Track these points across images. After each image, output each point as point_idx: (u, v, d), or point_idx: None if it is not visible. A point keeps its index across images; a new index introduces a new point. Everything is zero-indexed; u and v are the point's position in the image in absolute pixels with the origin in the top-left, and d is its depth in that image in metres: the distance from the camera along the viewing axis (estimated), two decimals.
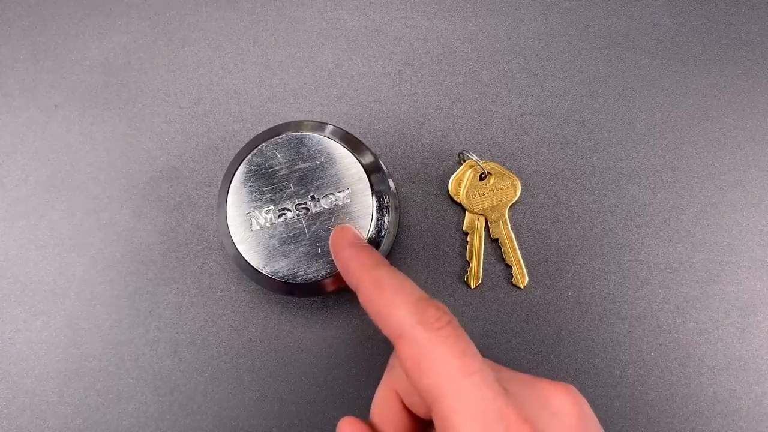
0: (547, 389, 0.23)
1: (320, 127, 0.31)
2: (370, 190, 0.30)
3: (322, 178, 0.30)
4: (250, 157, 0.31)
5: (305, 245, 0.30)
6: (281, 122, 0.34)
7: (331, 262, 0.30)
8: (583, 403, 0.23)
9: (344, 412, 0.32)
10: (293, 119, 0.35)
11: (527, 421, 0.20)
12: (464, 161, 0.34)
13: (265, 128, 0.34)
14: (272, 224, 0.30)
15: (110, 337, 0.33)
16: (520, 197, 0.34)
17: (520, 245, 0.34)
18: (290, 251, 0.30)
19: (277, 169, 0.31)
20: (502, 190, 0.34)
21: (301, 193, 0.30)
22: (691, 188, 0.34)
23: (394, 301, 0.23)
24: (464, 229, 0.34)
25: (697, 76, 0.35)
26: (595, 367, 0.32)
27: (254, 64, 0.36)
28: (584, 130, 0.35)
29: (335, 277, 0.30)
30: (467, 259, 0.33)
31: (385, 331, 0.23)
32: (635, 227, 0.34)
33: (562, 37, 0.36)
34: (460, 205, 0.34)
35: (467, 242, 0.33)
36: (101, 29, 0.37)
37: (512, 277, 0.33)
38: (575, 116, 0.35)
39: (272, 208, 0.30)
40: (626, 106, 0.35)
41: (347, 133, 0.32)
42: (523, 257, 0.33)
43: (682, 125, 0.35)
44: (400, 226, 0.34)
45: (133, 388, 0.33)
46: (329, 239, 0.29)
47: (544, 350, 0.33)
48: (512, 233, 0.33)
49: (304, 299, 0.33)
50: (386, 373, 0.26)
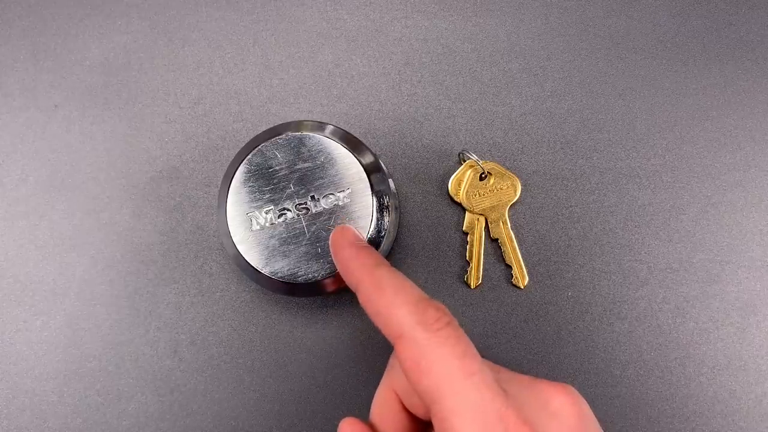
0: (546, 390, 0.23)
1: (320, 127, 0.31)
2: (370, 190, 0.30)
3: (322, 178, 0.30)
4: (250, 157, 0.31)
5: (305, 245, 0.30)
6: (281, 122, 0.34)
7: (331, 262, 0.30)
8: (582, 403, 0.23)
9: (344, 412, 0.32)
10: (293, 119, 0.35)
11: (526, 422, 0.20)
12: (464, 161, 0.34)
13: (265, 128, 0.34)
14: (272, 224, 0.30)
15: (110, 337, 0.33)
16: (520, 197, 0.34)
17: (520, 245, 0.34)
18: (290, 251, 0.30)
19: (277, 169, 0.31)
20: (502, 190, 0.34)
21: (301, 193, 0.30)
22: (691, 188, 0.34)
23: (394, 301, 0.23)
24: (464, 229, 0.34)
25: (697, 76, 0.35)
26: (595, 367, 0.32)
27: (254, 64, 0.36)
28: (584, 130, 0.35)
29: (335, 277, 0.30)
30: (467, 259, 0.33)
31: (384, 331, 0.23)
32: (635, 227, 0.34)
33: (562, 37, 0.36)
34: (460, 205, 0.34)
35: (467, 242, 0.33)
36: (101, 29, 0.37)
37: (512, 277, 0.33)
38: (575, 116, 0.35)
39: (272, 208, 0.30)
40: (626, 106, 0.35)
41: (347, 133, 0.32)
42: (523, 257, 0.33)
43: (682, 125, 0.35)
44: (400, 226, 0.34)
45: (133, 388, 0.33)
46: (329, 239, 0.29)
47: (544, 350, 0.33)
48: (512, 233, 0.33)
49: (304, 299, 0.33)
50: (386, 373, 0.26)
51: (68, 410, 0.33)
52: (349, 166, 0.30)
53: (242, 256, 0.30)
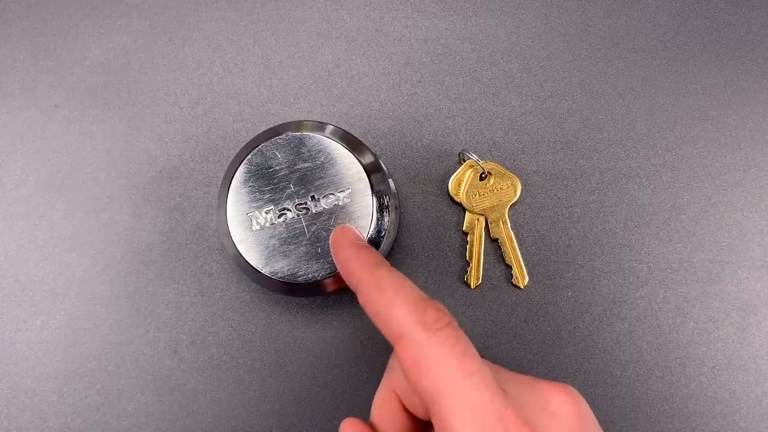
0: (546, 390, 0.23)
1: (320, 127, 0.31)
2: (370, 190, 0.30)
3: (322, 178, 0.30)
4: (250, 157, 0.31)
5: (305, 245, 0.30)
6: (281, 122, 0.34)
7: (331, 262, 0.30)
8: (582, 403, 0.23)
9: (344, 412, 0.32)
10: (293, 119, 0.35)
11: (526, 422, 0.20)
12: (464, 161, 0.34)
13: (265, 128, 0.34)
14: (272, 224, 0.30)
15: (110, 337, 0.33)
16: (520, 197, 0.34)
17: (520, 245, 0.34)
18: (290, 251, 0.30)
19: (277, 169, 0.31)
20: (502, 190, 0.34)
21: (301, 193, 0.30)
22: (691, 188, 0.34)
23: (394, 301, 0.23)
24: (464, 229, 0.34)
25: (697, 76, 0.35)
26: (595, 367, 0.32)
27: (254, 64, 0.36)
28: (584, 130, 0.35)
29: (335, 277, 0.30)
30: (467, 259, 0.33)
31: (384, 331, 0.23)
32: (635, 227, 0.34)
33: (562, 37, 0.36)
34: (460, 205, 0.34)
35: (467, 242, 0.33)
36: (101, 29, 0.37)
37: (512, 277, 0.33)
38: (575, 116, 0.35)
39: (272, 208, 0.30)
40: (626, 106, 0.35)
41: (347, 133, 0.32)
42: (523, 257, 0.33)
43: (682, 125, 0.35)
44: (400, 226, 0.34)
45: (133, 388, 0.33)
46: (330, 239, 0.29)
47: (544, 350, 0.33)
48: (512, 233, 0.33)
49: (304, 299, 0.33)
50: (386, 374, 0.26)
51: (68, 410, 0.33)
52: (349, 166, 0.30)
53: (242, 256, 0.30)
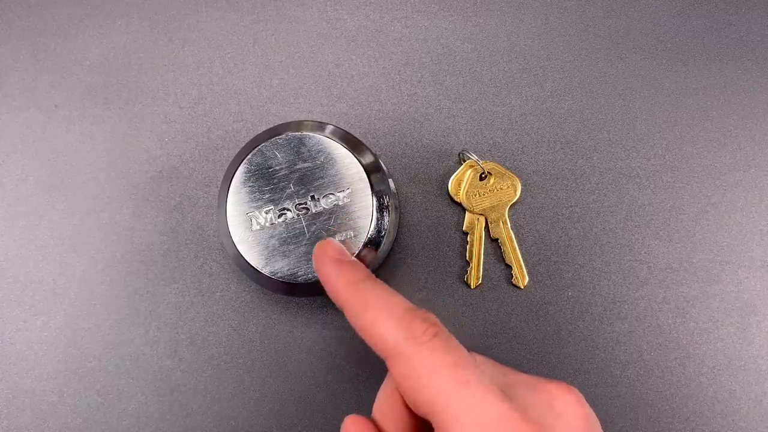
0: (550, 390, 0.23)
1: (320, 127, 0.31)
2: (370, 190, 0.30)
3: (322, 178, 0.30)
4: (250, 157, 0.31)
5: (305, 245, 0.30)
6: (281, 122, 0.34)
7: None
8: (586, 403, 0.23)
9: (344, 412, 0.32)
10: (293, 119, 0.35)
11: (532, 422, 0.20)
12: (464, 161, 0.34)
13: (265, 128, 0.34)
14: (272, 224, 0.30)
15: (110, 337, 0.33)
16: (520, 197, 0.34)
17: (520, 245, 0.34)
18: (290, 251, 0.30)
19: (277, 169, 0.31)
20: (502, 190, 0.34)
21: (301, 193, 0.30)
22: (691, 188, 0.34)
23: (379, 317, 0.22)
24: (464, 229, 0.34)
25: (697, 76, 0.35)
26: (595, 367, 0.32)
27: (254, 64, 0.36)
28: (584, 130, 0.35)
29: None
30: (467, 259, 0.33)
31: (375, 349, 0.22)
32: (635, 227, 0.34)
33: (562, 37, 0.36)
34: (460, 205, 0.34)
35: (467, 242, 0.33)
36: (101, 29, 0.37)
37: (512, 277, 0.33)
38: (575, 116, 0.35)
39: (272, 208, 0.30)
40: (626, 106, 0.35)
41: (347, 133, 0.32)
42: (523, 257, 0.33)
43: (682, 125, 0.35)
44: (400, 226, 0.34)
45: (133, 388, 0.33)
46: (313, 254, 0.28)
47: (544, 350, 0.33)
48: (512, 233, 0.33)
49: (304, 299, 0.33)
50: (388, 374, 0.26)
51: (68, 410, 0.33)
52: (349, 166, 0.30)
53: (242, 256, 0.30)
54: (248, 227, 0.30)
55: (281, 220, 0.30)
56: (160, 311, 0.34)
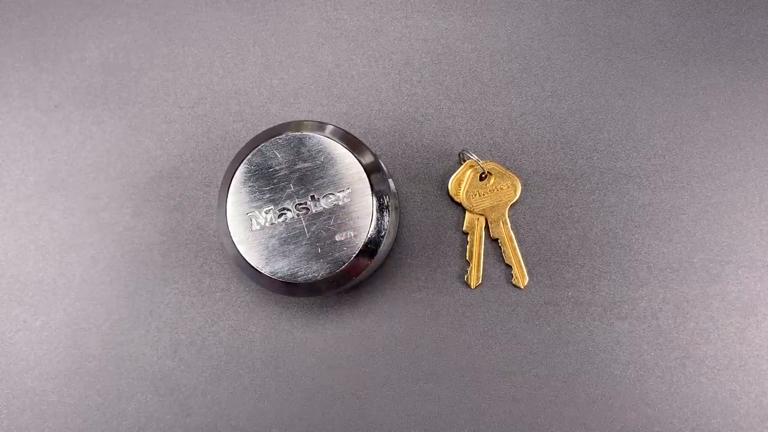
0: None
1: (320, 127, 0.31)
2: (370, 190, 0.30)
3: (322, 178, 0.30)
4: (250, 157, 0.31)
5: (305, 245, 0.30)
6: (281, 122, 0.34)
7: (331, 262, 0.30)
8: None
9: (344, 412, 0.32)
10: (293, 119, 0.35)
11: None
12: (464, 161, 0.34)
13: (265, 128, 0.34)
14: (272, 224, 0.30)
15: (110, 337, 0.33)
16: (520, 197, 0.34)
17: (520, 245, 0.34)
18: (290, 251, 0.30)
19: (277, 169, 0.31)
20: (502, 190, 0.34)
21: (301, 193, 0.30)
22: (691, 188, 0.34)
23: None
24: (464, 229, 0.34)
25: (697, 76, 0.35)
26: (595, 367, 0.32)
27: (254, 64, 0.36)
28: (584, 130, 0.35)
29: (335, 277, 0.30)
30: (467, 259, 0.33)
31: None
32: (635, 227, 0.34)
33: (562, 37, 0.36)
34: (460, 205, 0.34)
35: (467, 242, 0.33)
36: (101, 29, 0.37)
37: (512, 277, 0.33)
38: (575, 116, 0.35)
39: (272, 208, 0.30)
40: (626, 106, 0.35)
41: (347, 133, 0.32)
42: (523, 257, 0.33)
43: (682, 125, 0.35)
44: (400, 226, 0.34)
45: (133, 388, 0.33)
46: None
47: (544, 350, 0.33)
48: (512, 233, 0.33)
49: (304, 299, 0.33)
50: None
51: (68, 410, 0.33)
52: (349, 166, 0.30)
53: (242, 256, 0.30)
54: (248, 227, 0.30)
55: (281, 220, 0.30)
56: (160, 311, 0.34)
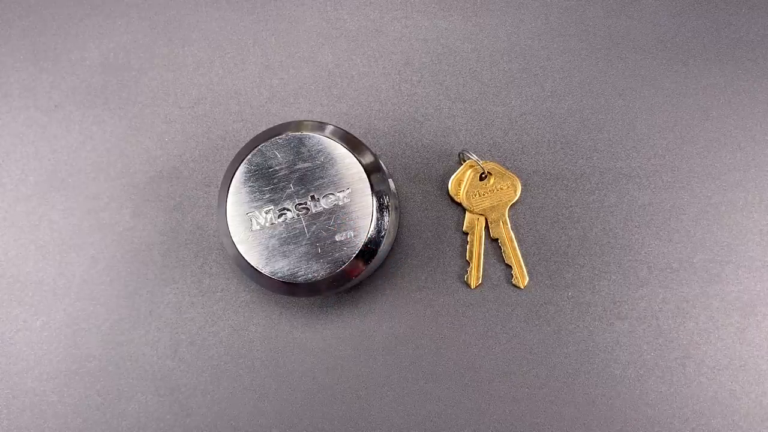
0: None
1: (320, 127, 0.31)
2: (370, 190, 0.30)
3: (322, 178, 0.30)
4: (250, 157, 0.31)
5: (305, 245, 0.30)
6: (281, 122, 0.34)
7: (331, 262, 0.30)
8: None
9: (344, 412, 0.32)
10: (293, 119, 0.35)
11: None
12: (464, 161, 0.34)
13: (265, 128, 0.34)
14: (272, 224, 0.30)
15: (110, 337, 0.33)
16: (520, 197, 0.34)
17: (520, 245, 0.34)
18: (290, 251, 0.30)
19: (277, 169, 0.31)
20: (502, 190, 0.34)
21: (301, 193, 0.30)
22: (691, 188, 0.34)
23: None
24: (464, 229, 0.34)
25: (697, 76, 0.35)
26: (595, 367, 0.32)
27: (254, 64, 0.36)
28: (584, 130, 0.35)
29: (335, 277, 0.30)
30: (467, 259, 0.33)
31: None
32: (635, 227, 0.34)
33: (562, 37, 0.36)
34: (460, 205, 0.34)
35: (467, 242, 0.33)
36: (101, 29, 0.37)
37: (512, 277, 0.33)
38: (575, 116, 0.35)
39: (272, 208, 0.30)
40: (626, 106, 0.35)
41: (347, 133, 0.32)
42: (523, 257, 0.33)
43: (682, 125, 0.35)
44: (400, 226, 0.34)
45: (133, 388, 0.33)
46: None
47: (544, 350, 0.33)
48: (512, 233, 0.33)
49: (304, 299, 0.33)
50: None
51: (68, 410, 0.33)
52: (349, 166, 0.30)
53: (242, 256, 0.30)
54: (248, 227, 0.30)
55: (281, 220, 0.30)
56: (160, 311, 0.34)
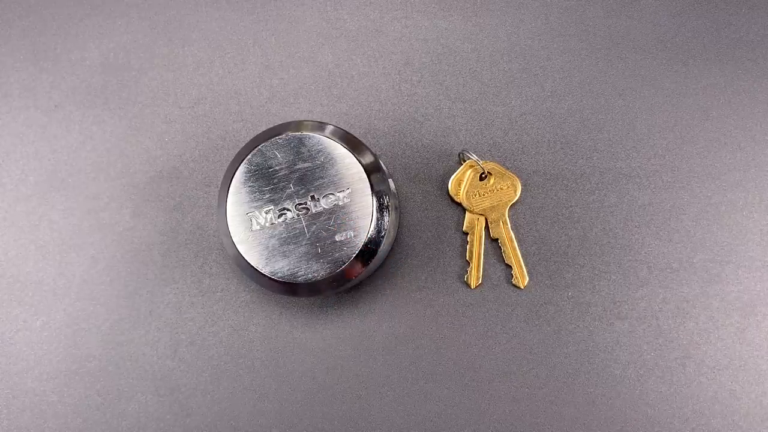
0: None
1: (320, 127, 0.31)
2: (370, 190, 0.30)
3: (322, 178, 0.30)
4: (250, 157, 0.31)
5: (305, 245, 0.30)
6: (281, 122, 0.34)
7: (331, 262, 0.30)
8: None
9: (344, 412, 0.32)
10: (293, 119, 0.35)
11: None
12: (464, 161, 0.34)
13: (265, 128, 0.34)
14: (272, 224, 0.30)
15: (110, 337, 0.33)
16: (520, 197, 0.34)
17: (520, 245, 0.34)
18: (290, 251, 0.30)
19: (277, 169, 0.31)
20: (502, 190, 0.34)
21: (301, 193, 0.30)
22: (691, 188, 0.34)
23: None
24: (464, 229, 0.34)
25: (697, 76, 0.35)
26: (595, 367, 0.32)
27: (254, 64, 0.36)
28: (584, 130, 0.35)
29: (335, 277, 0.30)
30: (467, 259, 0.33)
31: None
32: (635, 227, 0.34)
33: (562, 37, 0.36)
34: (460, 205, 0.34)
35: (467, 242, 0.33)
36: (101, 29, 0.37)
37: (512, 277, 0.33)
38: (575, 116, 0.35)
39: (272, 208, 0.30)
40: (626, 106, 0.35)
41: (347, 133, 0.32)
42: (523, 257, 0.33)
43: (682, 125, 0.35)
44: (400, 226, 0.34)
45: (133, 388, 0.33)
46: None
47: (544, 350, 0.33)
48: (512, 233, 0.33)
49: (304, 299, 0.33)
50: None
51: (68, 410, 0.33)
52: (349, 166, 0.30)
53: (242, 256, 0.30)
54: (248, 227, 0.30)
55: (281, 220, 0.30)
56: (160, 311, 0.34)
